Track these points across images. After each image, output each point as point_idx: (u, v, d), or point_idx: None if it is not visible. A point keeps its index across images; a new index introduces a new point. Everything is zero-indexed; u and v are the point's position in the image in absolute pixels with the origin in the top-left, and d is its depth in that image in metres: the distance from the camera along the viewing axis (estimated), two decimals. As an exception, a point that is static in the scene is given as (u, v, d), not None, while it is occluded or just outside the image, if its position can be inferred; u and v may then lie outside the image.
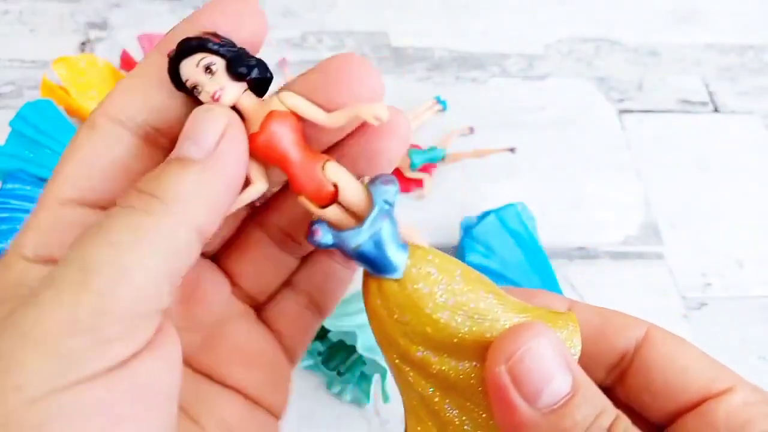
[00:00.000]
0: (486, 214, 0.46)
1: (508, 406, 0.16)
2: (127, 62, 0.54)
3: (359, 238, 0.17)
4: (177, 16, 0.63)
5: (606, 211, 0.52)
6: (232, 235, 0.21)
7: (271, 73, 0.18)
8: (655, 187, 0.54)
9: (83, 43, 0.60)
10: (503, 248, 0.46)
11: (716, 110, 0.60)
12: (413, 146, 0.53)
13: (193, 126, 0.17)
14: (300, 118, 0.18)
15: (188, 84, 0.17)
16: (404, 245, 0.18)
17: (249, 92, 0.18)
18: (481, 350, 0.18)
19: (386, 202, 0.18)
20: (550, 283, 0.45)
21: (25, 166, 0.46)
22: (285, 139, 0.18)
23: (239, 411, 0.20)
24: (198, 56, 0.17)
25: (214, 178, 0.16)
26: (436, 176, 0.53)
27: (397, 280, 0.18)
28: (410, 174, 0.51)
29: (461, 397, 0.18)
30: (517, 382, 0.16)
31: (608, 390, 0.19)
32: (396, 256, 0.18)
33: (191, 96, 0.18)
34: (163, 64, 0.17)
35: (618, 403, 0.18)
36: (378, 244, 0.17)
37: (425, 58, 0.60)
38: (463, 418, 0.18)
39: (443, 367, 0.18)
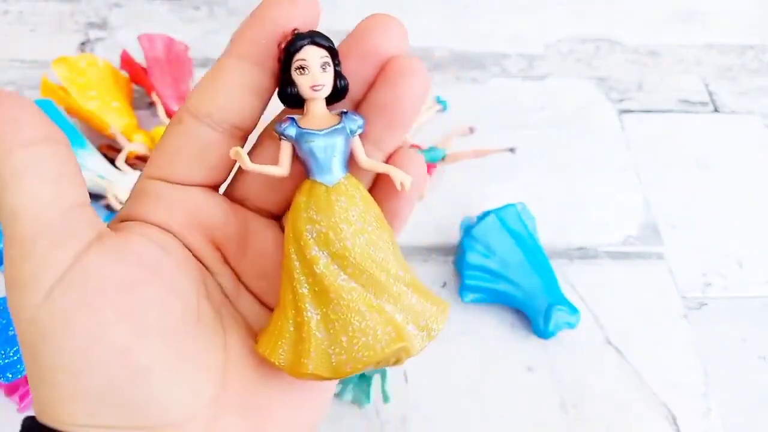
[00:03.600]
0: (486, 214, 0.46)
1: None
2: (127, 62, 0.54)
3: (315, 138, 0.21)
4: (177, 16, 0.63)
5: (606, 211, 0.52)
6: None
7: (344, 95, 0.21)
8: (655, 187, 0.54)
9: (83, 43, 0.60)
10: (503, 248, 0.46)
11: (716, 110, 0.60)
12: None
13: None
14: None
15: (300, 62, 0.20)
16: (346, 169, 0.21)
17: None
18: (361, 275, 0.20)
19: (350, 128, 0.21)
20: (550, 283, 0.45)
21: (25, 166, 0.46)
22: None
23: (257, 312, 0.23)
24: (324, 51, 0.20)
25: None
26: (436, 176, 0.53)
27: (326, 187, 0.21)
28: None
29: (325, 305, 0.20)
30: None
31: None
32: (336, 168, 0.21)
33: (281, 73, 0.20)
34: (236, 67, 0.20)
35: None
36: (328, 149, 0.21)
37: (425, 58, 0.60)
38: (319, 323, 0.20)
39: (325, 272, 0.20)
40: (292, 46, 0.20)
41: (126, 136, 0.50)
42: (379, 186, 0.22)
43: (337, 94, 0.21)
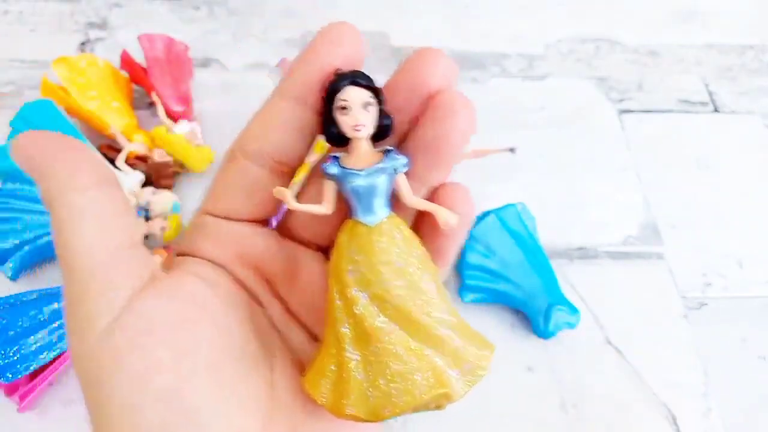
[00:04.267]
0: (486, 214, 0.46)
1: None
2: (127, 62, 0.54)
3: (357, 179, 0.21)
4: (177, 16, 0.63)
5: (606, 211, 0.52)
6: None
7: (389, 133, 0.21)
8: (655, 187, 0.54)
9: (83, 43, 0.60)
10: (503, 248, 0.46)
11: (716, 110, 0.60)
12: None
13: None
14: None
15: (342, 103, 0.20)
16: (389, 209, 0.21)
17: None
18: (401, 317, 0.20)
19: (394, 167, 0.21)
20: (550, 283, 0.45)
21: (25, 166, 0.46)
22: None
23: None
24: (366, 91, 0.20)
25: None
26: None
27: (367, 226, 0.21)
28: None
29: (364, 347, 0.20)
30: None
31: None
32: (378, 207, 0.21)
33: (324, 113, 0.21)
34: (283, 106, 0.21)
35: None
36: (370, 189, 0.21)
37: (425, 58, 0.60)
38: (359, 365, 0.20)
39: (365, 313, 0.20)
40: (333, 86, 0.20)
41: (126, 136, 0.50)
42: (423, 222, 0.22)
43: (381, 133, 0.21)
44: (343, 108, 0.20)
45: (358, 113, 0.20)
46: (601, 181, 0.54)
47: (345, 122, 0.20)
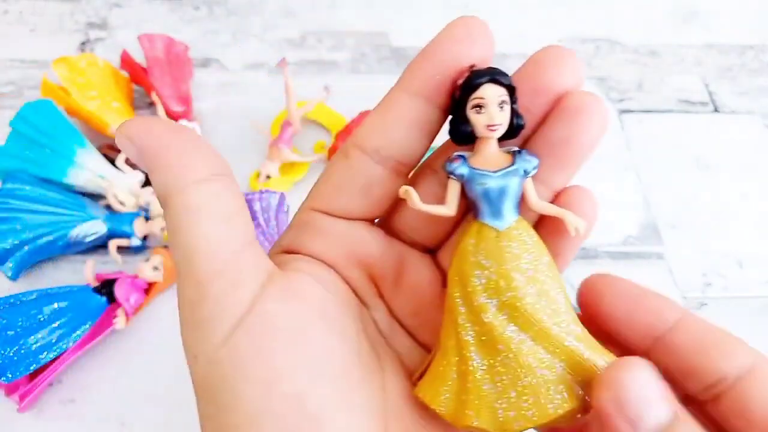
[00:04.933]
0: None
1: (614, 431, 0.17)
2: (127, 62, 0.54)
3: (488, 180, 0.20)
4: (177, 15, 0.63)
5: (606, 211, 0.52)
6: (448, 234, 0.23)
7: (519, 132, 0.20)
8: (655, 187, 0.54)
9: (83, 43, 0.60)
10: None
11: (716, 110, 0.60)
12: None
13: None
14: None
15: (477, 101, 0.19)
16: (517, 212, 0.20)
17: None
18: (532, 327, 0.19)
19: (525, 169, 0.20)
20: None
21: (25, 166, 0.46)
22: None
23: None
24: (502, 89, 0.20)
25: None
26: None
27: (496, 230, 0.20)
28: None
29: (492, 356, 0.19)
30: (620, 408, 0.17)
31: (701, 405, 0.20)
32: (508, 211, 0.20)
33: (455, 110, 0.20)
34: (406, 102, 0.20)
35: (705, 418, 0.19)
36: (501, 192, 0.20)
37: (425, 58, 0.60)
38: (485, 374, 0.19)
39: (494, 322, 0.19)
40: (470, 83, 0.20)
41: (126, 136, 0.50)
42: (544, 224, 0.22)
43: (511, 133, 0.20)
44: (480, 106, 0.19)
45: (494, 112, 0.19)
46: (601, 181, 0.54)
47: (480, 121, 0.20)
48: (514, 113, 0.20)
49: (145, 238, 0.47)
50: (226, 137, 0.53)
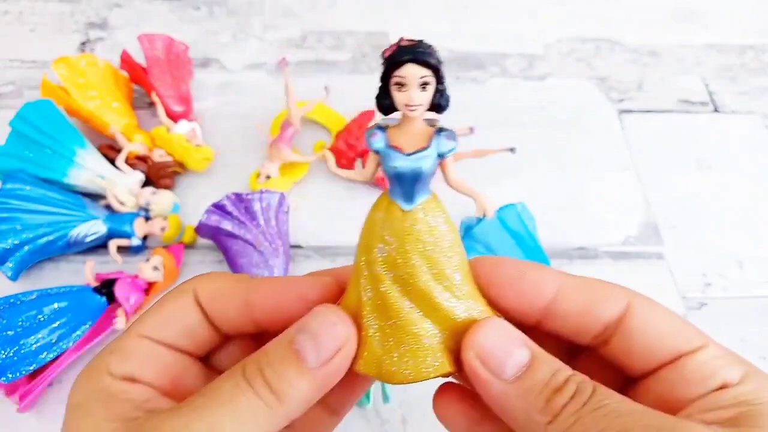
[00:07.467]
0: (486, 214, 0.46)
1: (482, 383, 0.20)
2: (127, 62, 0.54)
3: (400, 162, 0.20)
4: (177, 16, 0.63)
5: (606, 211, 0.52)
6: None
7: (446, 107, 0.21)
8: (655, 187, 0.54)
9: (83, 43, 0.60)
10: (503, 248, 0.46)
11: (716, 110, 0.60)
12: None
13: (315, 325, 0.20)
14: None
15: (399, 80, 0.19)
16: (428, 191, 0.21)
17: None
18: (423, 301, 0.21)
19: (440, 152, 0.20)
20: (550, 283, 0.45)
21: (25, 166, 0.46)
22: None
23: None
24: (425, 70, 0.19)
25: (320, 389, 0.20)
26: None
27: (403, 210, 0.21)
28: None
29: (383, 320, 0.21)
30: (484, 362, 0.20)
31: (593, 350, 0.23)
32: (418, 191, 0.21)
33: (381, 84, 0.20)
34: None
35: (601, 361, 0.22)
36: (412, 174, 0.20)
37: (425, 58, 0.60)
38: (376, 332, 0.21)
39: (388, 291, 0.21)
40: (392, 59, 0.20)
41: (126, 136, 0.50)
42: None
43: (436, 110, 0.21)
44: (401, 84, 0.20)
45: (413, 93, 0.20)
46: (601, 181, 0.54)
47: (399, 99, 0.20)
48: (439, 93, 0.20)
49: (145, 238, 0.47)
50: (226, 137, 0.53)
